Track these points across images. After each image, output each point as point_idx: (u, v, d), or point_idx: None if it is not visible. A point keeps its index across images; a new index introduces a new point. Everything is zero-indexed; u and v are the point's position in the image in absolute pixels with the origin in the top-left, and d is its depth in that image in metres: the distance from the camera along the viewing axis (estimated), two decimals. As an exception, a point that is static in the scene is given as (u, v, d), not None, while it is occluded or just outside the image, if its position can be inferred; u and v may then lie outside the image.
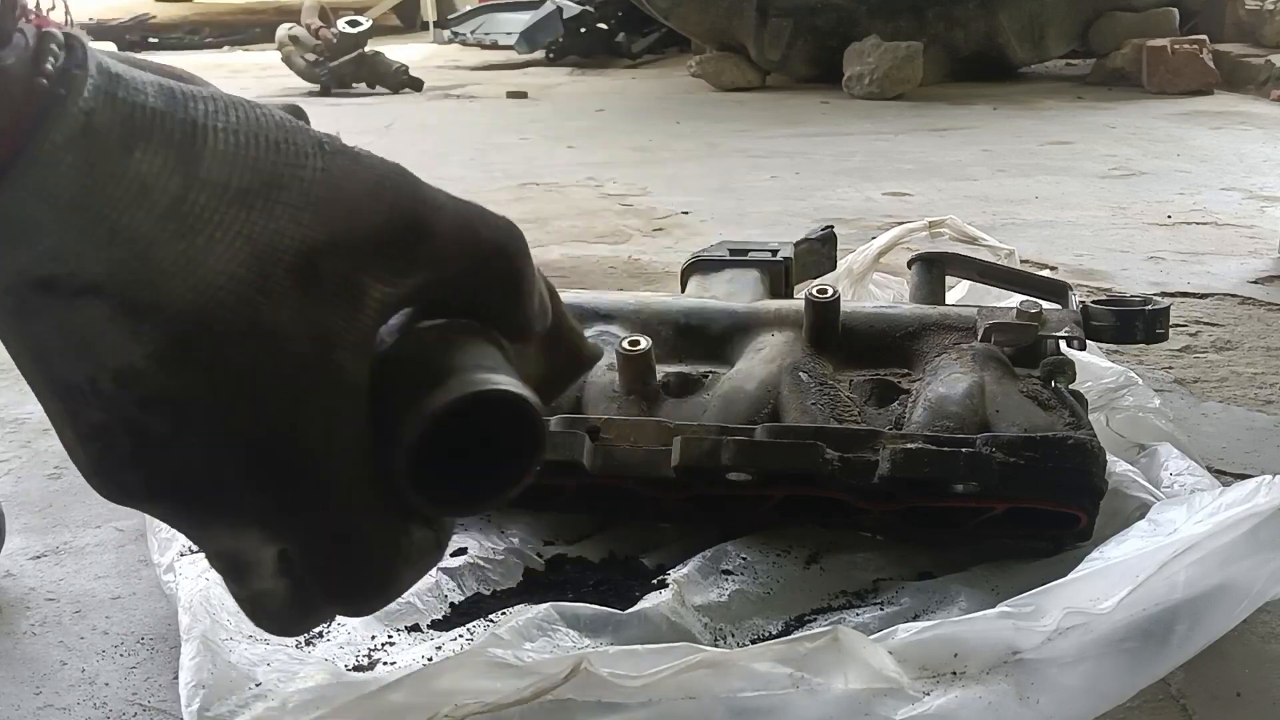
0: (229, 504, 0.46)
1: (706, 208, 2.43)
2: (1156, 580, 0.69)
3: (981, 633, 0.67)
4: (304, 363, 0.45)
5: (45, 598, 0.92)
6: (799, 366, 0.94)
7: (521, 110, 4.34)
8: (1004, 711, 0.65)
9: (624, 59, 5.86)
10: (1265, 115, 3.62)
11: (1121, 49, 4.45)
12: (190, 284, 0.43)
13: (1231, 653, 0.79)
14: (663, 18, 5.01)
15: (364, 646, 0.77)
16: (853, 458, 0.83)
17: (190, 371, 0.43)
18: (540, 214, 2.35)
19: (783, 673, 0.65)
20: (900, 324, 0.99)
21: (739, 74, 4.69)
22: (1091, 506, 0.84)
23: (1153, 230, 2.14)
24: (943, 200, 2.46)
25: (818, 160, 3.01)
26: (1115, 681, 0.68)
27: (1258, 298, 1.68)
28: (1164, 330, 0.99)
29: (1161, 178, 2.66)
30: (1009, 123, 3.59)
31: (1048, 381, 0.91)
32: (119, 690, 0.80)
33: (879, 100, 4.17)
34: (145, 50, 6.74)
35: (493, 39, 6.58)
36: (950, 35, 4.64)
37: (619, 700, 0.63)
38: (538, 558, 0.89)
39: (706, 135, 3.49)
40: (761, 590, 0.84)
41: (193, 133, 0.44)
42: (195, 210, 0.43)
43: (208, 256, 0.43)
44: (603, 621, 0.75)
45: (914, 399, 0.91)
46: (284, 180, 0.45)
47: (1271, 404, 1.28)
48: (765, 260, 1.11)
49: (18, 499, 1.08)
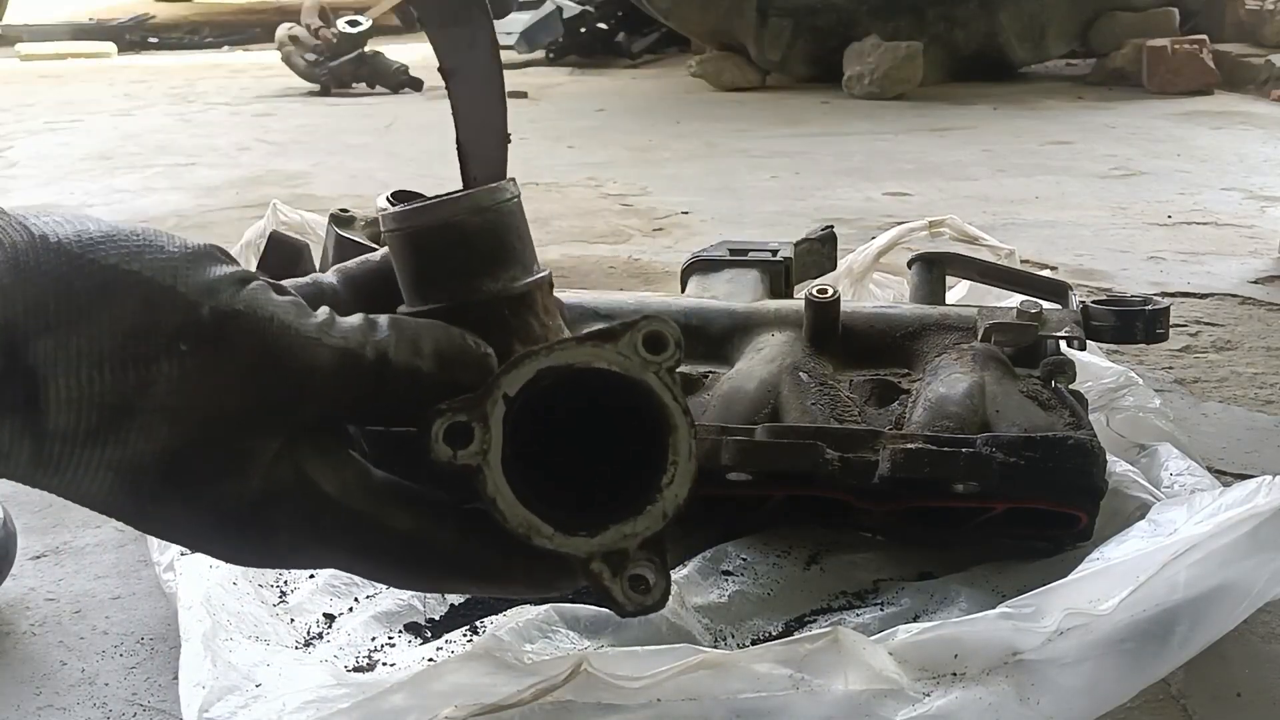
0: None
1: (706, 208, 2.43)
2: (1157, 581, 0.69)
3: (982, 633, 0.67)
4: (211, 520, 0.49)
5: (45, 598, 0.92)
6: (799, 366, 0.94)
7: (521, 110, 4.33)
8: (1004, 712, 0.65)
9: (624, 59, 5.86)
10: (1265, 115, 3.62)
11: (1121, 49, 4.44)
12: (82, 498, 0.47)
13: (1231, 653, 0.79)
14: (663, 18, 5.01)
15: (364, 647, 0.77)
16: (853, 458, 0.83)
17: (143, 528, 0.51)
18: (540, 214, 2.35)
19: (783, 674, 0.65)
20: (900, 324, 0.99)
21: (739, 74, 4.69)
22: (1091, 506, 0.84)
23: (1153, 230, 2.14)
24: (943, 200, 2.46)
25: (818, 160, 3.01)
26: (1116, 682, 0.68)
27: (1258, 298, 1.68)
28: (1164, 330, 0.99)
29: (1161, 178, 2.65)
30: (1009, 123, 3.59)
31: (1048, 381, 0.91)
32: (119, 690, 0.80)
33: (879, 100, 4.16)
34: (145, 50, 6.74)
35: (493, 39, 6.56)
36: (950, 35, 4.63)
37: (619, 701, 0.63)
38: (538, 558, 0.89)
39: (706, 135, 3.49)
40: (761, 591, 0.84)
41: (34, 391, 0.44)
42: (54, 459, 0.45)
43: (82, 485, 0.47)
44: (603, 622, 0.75)
45: (914, 399, 0.91)
46: (134, 405, 0.45)
47: (1271, 404, 1.28)
48: (765, 260, 1.10)
49: (18, 499, 1.07)
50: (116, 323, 0.45)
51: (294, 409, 0.49)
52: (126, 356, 0.45)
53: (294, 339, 0.48)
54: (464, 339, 0.54)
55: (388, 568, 0.54)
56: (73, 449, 0.45)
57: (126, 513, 0.48)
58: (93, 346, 0.44)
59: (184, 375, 0.46)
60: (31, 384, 0.44)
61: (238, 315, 0.47)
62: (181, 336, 0.46)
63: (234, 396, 0.47)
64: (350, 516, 0.51)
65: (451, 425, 0.51)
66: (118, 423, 0.45)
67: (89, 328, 0.44)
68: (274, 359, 0.48)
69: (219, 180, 2.85)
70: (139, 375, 0.45)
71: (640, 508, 0.52)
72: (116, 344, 0.45)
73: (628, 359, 0.52)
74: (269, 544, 0.51)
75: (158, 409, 0.45)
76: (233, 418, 0.47)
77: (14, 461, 0.45)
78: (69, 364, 0.44)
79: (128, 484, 0.47)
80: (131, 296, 0.45)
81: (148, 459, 0.46)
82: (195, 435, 0.46)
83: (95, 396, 0.45)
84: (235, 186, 2.77)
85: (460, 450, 0.50)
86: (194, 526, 0.49)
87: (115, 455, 0.46)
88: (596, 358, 0.52)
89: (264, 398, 0.48)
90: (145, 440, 0.46)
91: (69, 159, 3.27)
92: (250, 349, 0.47)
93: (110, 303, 0.45)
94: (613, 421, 0.54)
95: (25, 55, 6.36)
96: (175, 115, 4.12)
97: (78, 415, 0.44)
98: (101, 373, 0.44)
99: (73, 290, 0.44)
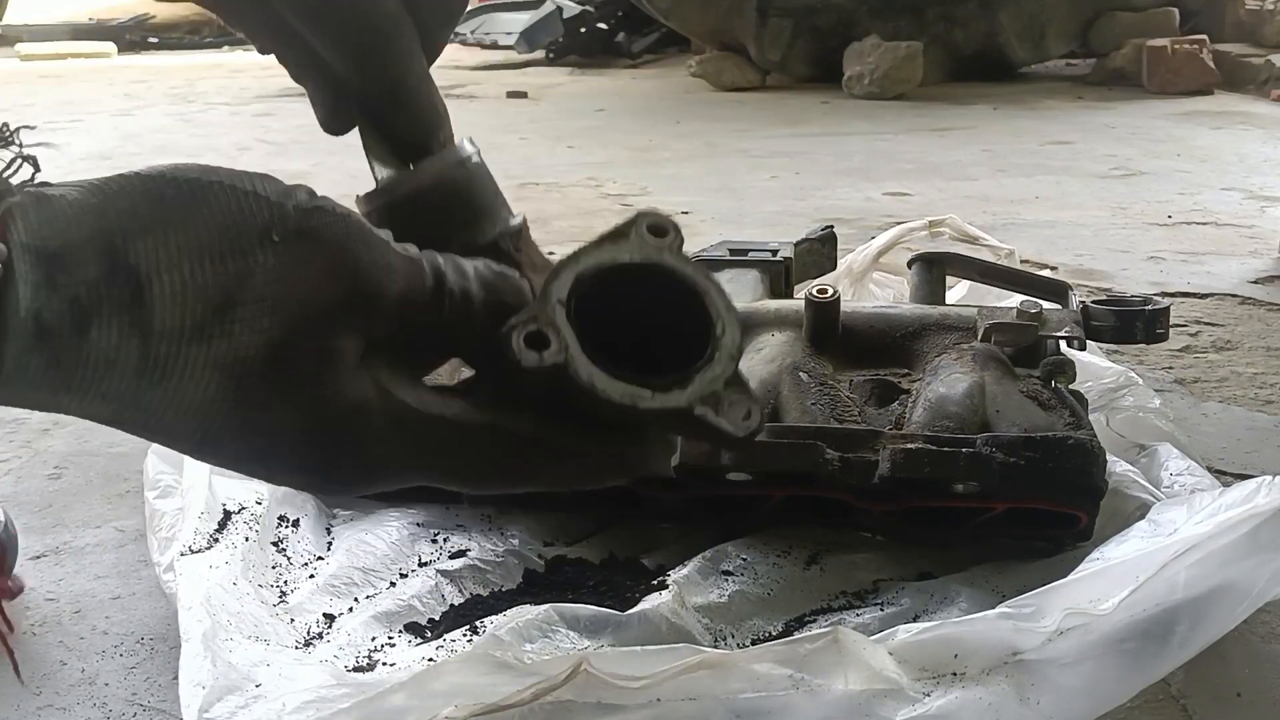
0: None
1: (706, 208, 2.43)
2: (1157, 581, 0.69)
3: (982, 633, 0.67)
4: (308, 426, 0.49)
5: (45, 598, 0.92)
6: (799, 366, 0.94)
7: (521, 110, 4.34)
8: (1004, 712, 0.65)
9: (624, 59, 5.86)
10: (1265, 115, 3.62)
11: (1121, 49, 4.44)
12: (182, 411, 0.47)
13: (1231, 653, 0.79)
14: (663, 18, 5.01)
15: (364, 647, 0.77)
16: (853, 458, 0.83)
17: (224, 454, 0.50)
18: (540, 214, 2.35)
19: (783, 674, 0.65)
20: (900, 324, 0.99)
21: (739, 74, 4.69)
22: (1091, 507, 0.84)
23: (1153, 230, 2.14)
24: (943, 200, 2.46)
25: (818, 160, 3.01)
26: (1115, 682, 0.68)
27: (1258, 298, 1.68)
28: (1164, 330, 0.99)
29: (1161, 178, 2.65)
30: (1009, 122, 3.59)
31: (1048, 381, 0.91)
32: (119, 690, 0.80)
33: (879, 100, 4.16)
34: (145, 50, 6.74)
35: (493, 39, 6.58)
36: (950, 35, 4.63)
37: (619, 701, 0.63)
38: (538, 559, 0.89)
39: (706, 135, 3.49)
40: (761, 591, 0.84)
41: (138, 287, 0.45)
42: (161, 361, 0.46)
43: (186, 391, 0.47)
44: (603, 622, 0.75)
45: (914, 399, 0.91)
46: (235, 297, 0.47)
47: (1272, 404, 1.28)
48: (765, 260, 1.11)
49: (18, 499, 1.08)
50: (211, 221, 0.47)
51: (374, 308, 0.51)
52: (224, 249, 0.47)
53: (371, 237, 0.51)
54: (500, 267, 0.57)
55: (475, 467, 0.56)
56: (179, 346, 0.46)
57: (228, 424, 0.48)
58: (191, 243, 0.46)
59: (279, 264, 0.47)
60: (135, 282, 0.45)
61: (320, 210, 0.50)
62: (273, 228, 0.48)
63: (325, 286, 0.49)
64: (433, 421, 0.53)
65: (529, 334, 0.54)
66: (222, 314, 0.46)
67: (186, 226, 0.46)
68: (355, 253, 0.50)
69: (219, 180, 2.84)
70: (238, 266, 0.47)
71: (710, 357, 0.57)
72: (213, 239, 0.47)
73: (643, 249, 0.58)
74: (364, 455, 0.52)
75: (257, 299, 0.47)
76: (325, 310, 0.49)
77: (120, 369, 0.45)
78: (170, 260, 0.46)
79: (232, 384, 0.47)
80: (219, 199, 0.47)
81: (251, 352, 0.47)
82: (293, 325, 0.48)
83: (199, 289, 0.46)
84: (235, 186, 2.76)
85: (545, 351, 0.54)
86: (294, 435, 0.49)
87: (220, 350, 0.47)
88: (619, 252, 0.57)
89: (352, 288, 0.49)
90: (249, 332, 0.47)
91: (69, 159, 3.27)
92: (335, 240, 0.49)
93: (202, 205, 0.47)
94: (650, 314, 0.59)
95: (25, 55, 6.36)
96: (175, 115, 4.12)
97: (183, 309, 0.46)
98: (202, 266, 0.46)
99: (164, 198, 0.47)
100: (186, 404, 0.47)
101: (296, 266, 0.48)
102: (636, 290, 0.58)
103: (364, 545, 0.89)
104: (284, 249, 0.48)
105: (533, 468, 0.58)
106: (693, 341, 0.58)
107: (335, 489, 0.55)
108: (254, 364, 0.47)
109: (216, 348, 0.46)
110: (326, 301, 0.49)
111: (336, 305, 0.49)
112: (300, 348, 0.48)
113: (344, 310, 0.49)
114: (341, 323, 0.49)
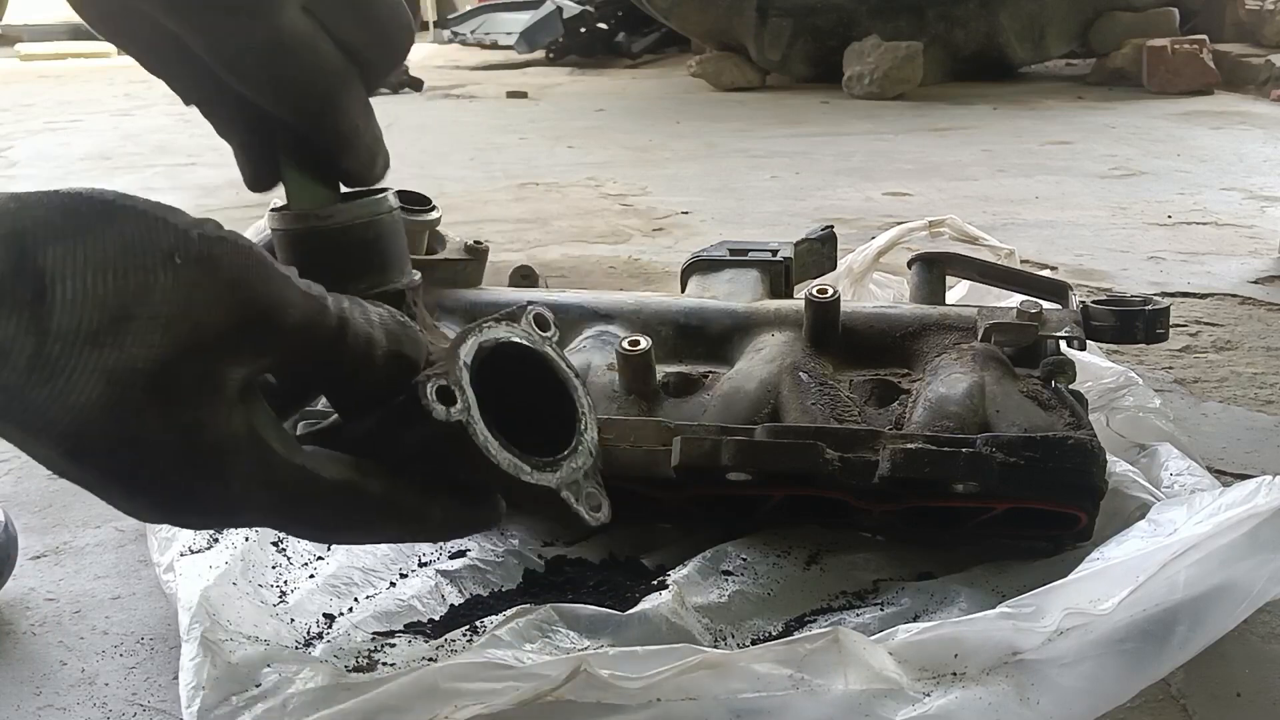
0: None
1: (706, 208, 2.43)
2: (1157, 581, 0.69)
3: (982, 633, 0.67)
4: (179, 448, 0.52)
5: (45, 598, 0.92)
6: (799, 366, 0.94)
7: (521, 110, 4.34)
8: (1004, 712, 0.65)
9: (624, 59, 5.86)
10: (1265, 115, 3.63)
11: (1121, 49, 4.45)
12: (64, 411, 0.49)
13: (1231, 653, 0.79)
14: (663, 18, 5.01)
15: (364, 648, 0.77)
16: (853, 458, 0.83)
17: (90, 467, 0.51)
18: (540, 214, 2.35)
19: (783, 674, 0.65)
20: (900, 324, 0.99)
21: (739, 74, 4.69)
22: (1091, 506, 0.84)
23: (1153, 230, 2.14)
24: (943, 200, 2.46)
25: (818, 160, 3.01)
26: (1115, 682, 0.68)
27: (1258, 298, 1.68)
28: (1164, 330, 0.99)
29: (1161, 178, 2.65)
30: (1009, 123, 3.59)
31: (1048, 381, 0.91)
32: (119, 690, 0.80)
33: (879, 100, 4.17)
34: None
35: (493, 39, 6.59)
36: (950, 35, 4.64)
37: (619, 701, 0.63)
38: (537, 559, 0.89)
39: (706, 135, 3.49)
40: (761, 591, 0.84)
41: (42, 288, 0.48)
42: (52, 360, 0.48)
43: (72, 392, 0.49)
44: (602, 623, 0.75)
45: (914, 399, 0.91)
46: (131, 311, 0.49)
47: (1271, 404, 1.28)
48: (765, 260, 1.10)
49: (18, 499, 1.08)
50: (119, 238, 0.49)
51: (266, 339, 0.53)
52: (128, 265, 0.49)
53: (270, 270, 0.54)
54: (404, 318, 0.61)
55: (323, 519, 0.60)
56: (72, 350, 0.48)
57: (104, 430, 0.50)
58: (98, 255, 0.49)
59: (177, 285, 0.50)
60: (40, 283, 0.48)
61: (223, 241, 0.52)
62: (176, 252, 0.51)
63: (217, 312, 0.51)
64: (292, 470, 0.56)
65: (440, 387, 0.58)
66: (117, 325, 0.49)
67: (95, 240, 0.49)
68: (252, 283, 0.53)
69: (219, 180, 2.85)
70: (139, 282, 0.49)
71: (574, 449, 0.66)
72: (119, 254, 0.49)
73: (529, 336, 0.66)
74: (224, 489, 0.54)
75: (152, 316, 0.49)
76: (214, 335, 0.51)
77: (11, 362, 0.47)
78: (76, 268, 0.48)
79: (116, 392, 0.49)
80: (130, 220, 0.50)
81: (140, 365, 0.49)
82: (182, 346, 0.50)
83: (99, 299, 0.48)
84: (235, 187, 2.75)
85: (451, 408, 0.58)
86: (163, 456, 0.51)
87: (110, 358, 0.49)
88: (514, 333, 0.65)
89: (244, 316, 0.52)
90: (140, 345, 0.49)
91: (69, 159, 3.27)
92: (232, 269, 0.52)
93: (113, 223, 0.50)
94: (523, 395, 0.66)
95: (25, 55, 6.36)
96: (175, 115, 4.12)
97: (80, 315, 0.48)
98: (105, 277, 0.49)
99: (79, 212, 0.49)
100: (69, 405, 0.49)
101: (193, 290, 0.50)
102: (515, 371, 0.65)
103: (364, 545, 0.89)
104: (183, 272, 0.50)
105: (379, 525, 0.62)
106: (559, 427, 0.66)
107: (192, 519, 0.57)
108: (139, 376, 0.50)
109: (107, 356, 0.49)
110: (218, 327, 0.51)
111: (227, 332, 0.51)
112: (186, 369, 0.51)
113: (234, 338, 0.52)
114: (229, 350, 0.52)
